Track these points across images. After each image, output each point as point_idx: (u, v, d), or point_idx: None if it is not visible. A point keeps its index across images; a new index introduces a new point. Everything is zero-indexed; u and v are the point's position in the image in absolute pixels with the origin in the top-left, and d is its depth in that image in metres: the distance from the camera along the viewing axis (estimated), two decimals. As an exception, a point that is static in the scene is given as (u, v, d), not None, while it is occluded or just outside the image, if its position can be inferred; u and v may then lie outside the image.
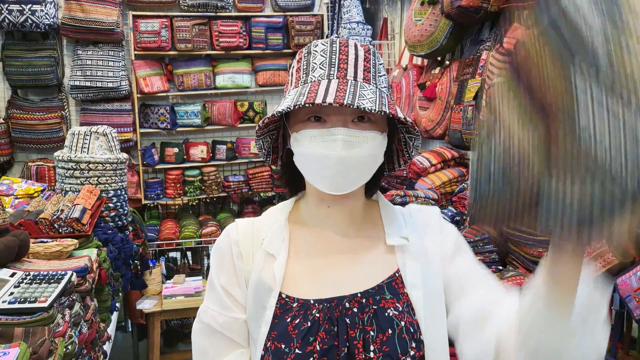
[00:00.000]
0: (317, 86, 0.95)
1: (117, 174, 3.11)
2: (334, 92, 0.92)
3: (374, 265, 1.05)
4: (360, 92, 0.93)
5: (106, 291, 2.64)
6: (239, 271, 1.06)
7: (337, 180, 0.96)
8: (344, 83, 0.95)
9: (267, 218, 1.12)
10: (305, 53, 1.03)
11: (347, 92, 0.92)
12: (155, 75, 4.31)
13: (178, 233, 4.26)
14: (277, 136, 1.11)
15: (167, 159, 4.45)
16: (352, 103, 0.89)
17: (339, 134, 0.94)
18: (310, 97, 0.92)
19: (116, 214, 3.12)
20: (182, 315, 3.78)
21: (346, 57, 1.00)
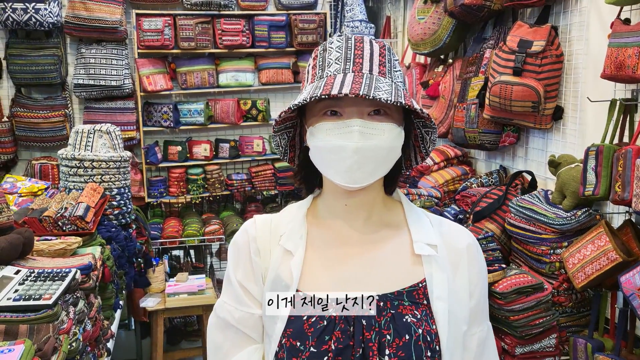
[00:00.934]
0: (333, 80, 0.95)
1: (121, 172, 3.11)
2: (349, 84, 0.92)
3: (396, 269, 1.03)
4: (376, 84, 0.94)
5: (110, 289, 2.64)
6: (256, 267, 1.07)
7: (353, 172, 0.96)
8: (360, 76, 0.96)
9: (285, 215, 1.12)
10: (321, 50, 1.03)
11: (363, 84, 0.92)
12: (158, 73, 4.32)
13: (181, 231, 4.27)
14: (294, 134, 1.11)
15: (170, 157, 4.46)
16: (368, 94, 0.89)
17: (355, 125, 0.94)
18: (326, 89, 0.92)
19: (120, 212, 3.12)
20: (185, 313, 3.79)
21: (361, 52, 1.00)
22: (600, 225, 2.12)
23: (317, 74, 1.00)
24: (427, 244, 1.04)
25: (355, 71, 0.97)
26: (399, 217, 1.09)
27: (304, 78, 1.06)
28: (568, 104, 2.56)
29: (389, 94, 0.92)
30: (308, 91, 0.96)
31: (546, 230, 2.31)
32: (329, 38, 1.06)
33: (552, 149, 2.67)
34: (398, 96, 0.92)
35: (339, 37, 1.02)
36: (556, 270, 2.27)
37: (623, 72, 2.06)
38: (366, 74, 0.97)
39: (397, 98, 0.92)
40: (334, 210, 1.07)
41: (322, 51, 1.02)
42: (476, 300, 1.06)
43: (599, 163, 2.10)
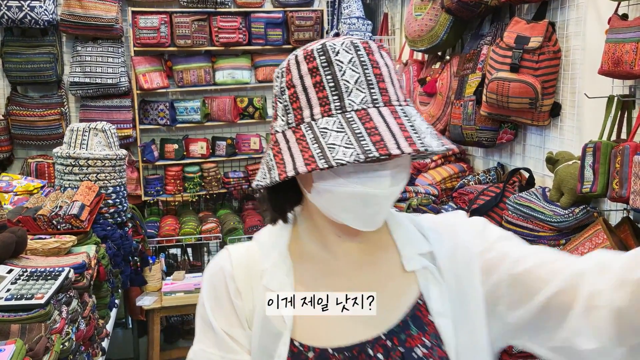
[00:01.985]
0: (369, 120, 0.76)
1: (116, 170, 3.10)
2: (398, 131, 0.75)
3: (393, 296, 0.90)
4: (416, 123, 0.78)
5: (105, 288, 2.63)
6: (239, 310, 0.90)
7: (374, 217, 0.83)
8: (396, 112, 0.78)
9: (262, 245, 0.94)
10: (324, 64, 0.80)
11: (407, 127, 0.77)
12: (154, 71, 4.30)
13: (178, 230, 4.25)
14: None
15: (166, 155, 4.44)
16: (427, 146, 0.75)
17: (388, 168, 0.80)
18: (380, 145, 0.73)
19: (115, 211, 3.11)
20: (182, 312, 3.78)
21: (379, 70, 0.81)
22: (598, 222, 2.11)
23: (332, 102, 0.78)
24: (417, 253, 0.91)
25: (386, 102, 0.79)
26: (384, 233, 0.95)
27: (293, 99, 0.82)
28: (566, 101, 2.54)
29: (434, 136, 0.78)
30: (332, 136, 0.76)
31: (544, 227, 2.30)
32: (326, 43, 0.81)
33: (550, 146, 2.65)
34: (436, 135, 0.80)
35: (342, 44, 0.81)
36: (553, 267, 2.26)
37: (621, 67, 2.05)
38: (397, 106, 0.80)
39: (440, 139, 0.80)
40: (325, 241, 0.92)
41: (327, 65, 0.80)
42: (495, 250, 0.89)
43: (596, 160, 2.08)
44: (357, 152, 0.73)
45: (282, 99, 0.84)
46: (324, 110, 0.78)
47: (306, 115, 0.80)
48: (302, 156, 0.77)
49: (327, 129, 0.77)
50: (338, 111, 0.78)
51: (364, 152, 0.73)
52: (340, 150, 0.74)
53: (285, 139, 0.81)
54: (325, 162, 0.74)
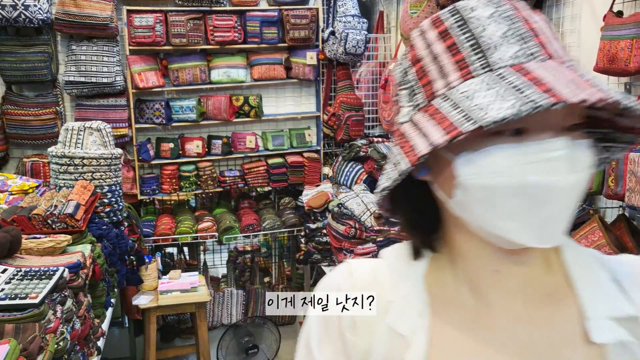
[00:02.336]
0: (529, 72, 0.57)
1: (112, 170, 3.09)
2: (575, 78, 0.56)
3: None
4: (598, 81, 0.59)
5: (101, 287, 2.62)
6: (352, 348, 0.70)
7: (550, 226, 0.59)
8: (567, 66, 0.59)
9: (393, 270, 0.73)
10: (458, 22, 0.62)
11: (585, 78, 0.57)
12: (150, 70, 4.28)
13: (174, 228, 4.24)
14: None
15: (162, 154, 4.43)
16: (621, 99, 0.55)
17: (560, 147, 0.58)
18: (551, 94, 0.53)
19: (111, 210, 3.10)
20: (178, 311, 3.78)
21: (532, 24, 0.62)
22: (594, 220, 2.11)
23: (475, 62, 0.60)
24: (611, 317, 0.64)
25: (550, 56, 0.60)
26: (559, 275, 0.68)
27: (425, 71, 0.64)
28: (561, 98, 2.55)
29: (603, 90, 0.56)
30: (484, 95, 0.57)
31: (539, 225, 2.30)
32: (458, 3, 0.64)
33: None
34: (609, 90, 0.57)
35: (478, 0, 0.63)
36: (549, 265, 2.26)
37: (616, 65, 2.05)
38: (564, 60, 0.61)
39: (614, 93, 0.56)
40: (476, 279, 0.68)
41: (460, 25, 0.62)
42: None
43: (591, 157, 2.08)
44: (520, 103, 0.53)
45: (405, 82, 0.66)
46: (463, 74, 0.60)
47: (439, 86, 0.62)
48: (439, 128, 0.57)
49: (470, 91, 0.58)
50: (484, 69, 0.59)
51: (530, 102, 0.53)
52: (495, 107, 0.54)
53: (413, 124, 0.63)
54: (472, 123, 0.54)
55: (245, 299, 4.58)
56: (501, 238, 0.62)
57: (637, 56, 1.97)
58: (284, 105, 4.73)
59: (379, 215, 2.68)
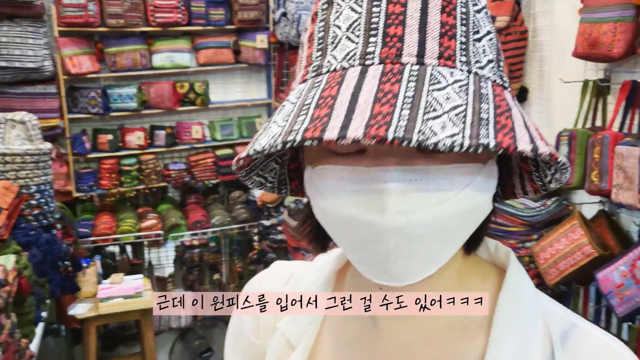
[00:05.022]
0: (337, 88, 0.46)
1: (40, 167, 2.75)
2: (367, 105, 0.43)
3: None
4: (431, 96, 0.44)
5: (29, 302, 2.31)
6: (257, 351, 0.68)
7: (392, 264, 0.48)
8: (395, 76, 0.45)
9: (311, 274, 0.68)
10: (323, 5, 0.52)
11: (398, 103, 0.43)
12: (83, 54, 3.90)
13: (115, 227, 3.92)
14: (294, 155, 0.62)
15: (100, 147, 4.07)
16: (407, 136, 0.41)
17: (390, 180, 0.46)
18: (317, 124, 0.43)
19: (40, 212, 2.77)
20: (121, 319, 3.47)
21: (404, 6, 0.47)
22: (574, 216, 1.97)
23: (315, 61, 0.51)
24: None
25: (387, 59, 0.47)
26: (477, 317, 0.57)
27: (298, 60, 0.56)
28: (533, 84, 2.40)
29: (462, 122, 0.43)
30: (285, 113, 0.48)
31: (514, 222, 2.15)
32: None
33: (515, 134, 2.51)
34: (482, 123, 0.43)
35: None
36: (525, 265, 2.12)
37: (597, 50, 1.90)
38: (410, 65, 0.46)
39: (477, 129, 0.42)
40: (364, 289, 0.60)
41: (326, 6, 0.51)
42: None
43: (572, 149, 1.94)
44: (275, 135, 0.45)
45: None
46: (304, 75, 0.52)
47: (293, 85, 0.54)
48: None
49: (287, 102, 0.50)
50: (313, 74, 0.50)
51: (283, 134, 0.44)
52: (267, 135, 0.47)
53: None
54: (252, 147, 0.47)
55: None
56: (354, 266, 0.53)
57: (621, 41, 1.82)
58: (232, 92, 4.48)
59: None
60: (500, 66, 0.51)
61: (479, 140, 0.41)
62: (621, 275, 1.77)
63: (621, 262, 1.77)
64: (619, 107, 1.86)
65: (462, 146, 0.41)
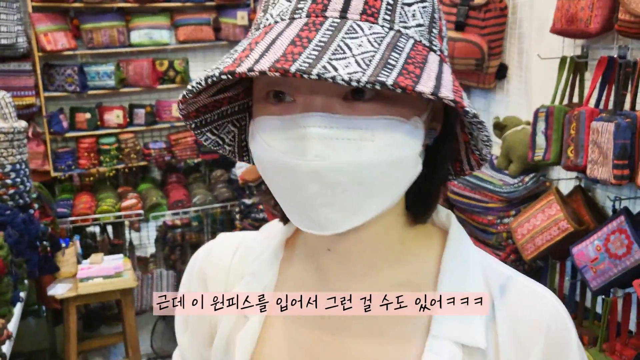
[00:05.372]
0: (264, 36, 0.50)
1: (14, 146, 2.70)
2: (282, 47, 0.48)
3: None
4: (342, 42, 0.47)
5: (5, 282, 2.29)
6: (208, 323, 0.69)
7: (315, 211, 0.52)
8: (315, 25, 0.49)
9: (261, 242, 0.69)
10: None
11: (311, 46, 0.47)
12: (58, 30, 3.81)
13: (94, 207, 3.87)
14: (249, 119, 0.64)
15: (78, 125, 4.01)
16: (308, 70, 0.45)
17: (311, 125, 0.50)
18: (236, 62, 0.48)
19: (16, 192, 2.73)
20: (101, 299, 3.45)
21: None
22: (551, 192, 1.99)
23: (258, 20, 0.56)
24: (455, 341, 0.57)
25: (313, 14, 0.51)
26: (425, 274, 0.61)
27: None
28: (512, 61, 2.40)
29: (365, 62, 0.46)
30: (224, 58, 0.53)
31: (492, 198, 2.16)
32: None
33: (496, 110, 2.51)
34: (387, 66, 0.46)
35: None
36: (503, 241, 2.14)
37: (575, 26, 1.90)
38: (331, 19, 0.50)
39: (380, 70, 0.45)
40: (315, 255, 0.63)
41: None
42: None
43: (549, 126, 1.94)
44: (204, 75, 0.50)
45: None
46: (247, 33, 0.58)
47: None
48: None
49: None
50: (253, 30, 0.56)
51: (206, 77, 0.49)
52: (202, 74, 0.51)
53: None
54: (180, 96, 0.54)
55: (175, 280, 4.30)
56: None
57: (599, 16, 1.82)
58: (212, 70, 4.41)
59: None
60: (434, 33, 0.54)
61: (377, 78, 0.44)
62: (595, 250, 1.79)
63: (595, 236, 1.79)
64: (595, 83, 1.87)
65: (359, 82, 0.44)
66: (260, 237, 0.70)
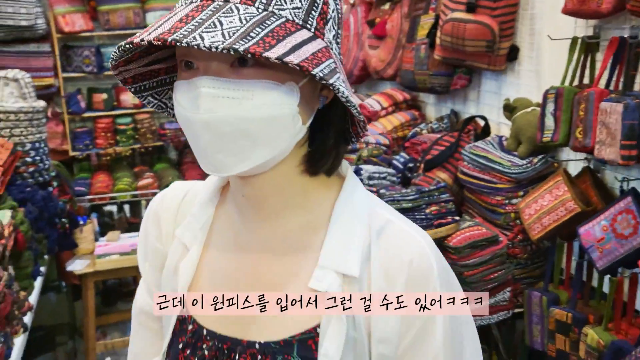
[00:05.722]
0: (167, 15, 0.66)
1: (34, 125, 2.77)
2: (172, 22, 0.62)
3: (290, 306, 0.72)
4: (217, 19, 0.61)
5: (26, 256, 2.37)
6: (161, 256, 0.83)
7: (210, 156, 0.66)
8: (202, 7, 0.63)
9: (202, 189, 0.84)
10: None
11: (193, 22, 0.61)
12: (76, 12, 3.87)
13: (111, 186, 3.96)
14: None
15: (95, 106, 4.08)
16: (181, 39, 0.58)
17: (202, 85, 0.64)
18: (138, 35, 0.63)
19: (36, 170, 2.80)
20: (118, 275, 3.54)
21: None
22: (559, 173, 2.00)
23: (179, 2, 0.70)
24: (337, 271, 0.70)
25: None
26: (321, 217, 0.74)
27: None
28: (524, 43, 2.39)
29: (231, 34, 0.59)
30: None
31: (501, 179, 2.18)
32: None
33: (506, 92, 2.51)
34: (248, 37, 0.59)
35: None
36: (511, 221, 2.16)
37: (587, 6, 1.89)
38: (217, 2, 0.63)
39: (238, 40, 0.58)
40: (236, 200, 0.77)
41: None
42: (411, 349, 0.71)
43: (558, 107, 1.95)
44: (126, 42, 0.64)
45: None
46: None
47: None
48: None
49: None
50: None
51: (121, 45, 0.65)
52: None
53: None
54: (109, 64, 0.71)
55: (191, 258, 4.39)
56: None
57: (610, -4, 1.81)
58: (227, 52, 4.44)
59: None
60: (312, 15, 0.66)
61: (232, 46, 0.58)
62: (602, 230, 1.80)
63: (602, 217, 1.81)
64: (606, 64, 1.86)
65: (217, 48, 0.57)
66: (204, 185, 0.84)
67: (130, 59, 0.71)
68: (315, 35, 0.66)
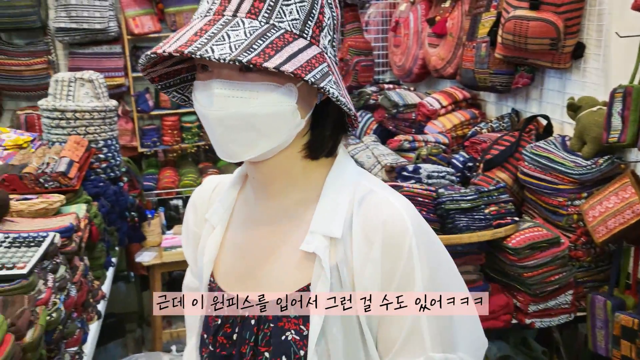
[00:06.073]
0: (184, 28, 0.77)
1: (107, 123, 2.92)
2: (188, 35, 0.73)
3: (288, 267, 0.86)
4: (226, 33, 0.72)
5: (99, 248, 2.51)
6: (199, 239, 1.00)
7: (224, 145, 0.80)
8: (214, 21, 0.74)
9: (228, 178, 1.01)
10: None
11: (206, 35, 0.72)
12: (145, 14, 4.04)
13: (177, 182, 4.11)
14: None
15: (162, 104, 4.24)
16: (197, 52, 0.70)
17: (215, 87, 0.76)
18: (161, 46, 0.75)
19: (108, 165, 2.95)
20: (183, 267, 3.67)
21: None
22: (626, 175, 1.94)
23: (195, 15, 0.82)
24: (324, 235, 0.82)
25: (217, 13, 0.76)
26: (315, 192, 0.87)
27: None
28: (590, 40, 2.32)
29: (236, 47, 0.70)
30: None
31: (563, 180, 2.13)
32: None
33: (571, 91, 2.45)
34: (250, 49, 0.70)
35: None
36: (574, 223, 2.11)
37: (657, 2, 1.83)
38: (226, 17, 0.75)
39: (243, 52, 0.70)
40: (250, 182, 0.94)
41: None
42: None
43: (626, 106, 1.89)
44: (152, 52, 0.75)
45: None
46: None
47: None
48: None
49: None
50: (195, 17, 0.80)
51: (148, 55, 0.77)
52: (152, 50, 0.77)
53: None
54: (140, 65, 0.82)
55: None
56: None
57: (684, -8, 1.74)
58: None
59: (391, 169, 2.52)
60: (309, 25, 0.77)
61: (237, 58, 0.69)
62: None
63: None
64: (678, 62, 1.80)
65: (224, 60, 0.69)
66: (231, 176, 0.99)
67: (157, 62, 0.84)
68: (311, 43, 0.77)
